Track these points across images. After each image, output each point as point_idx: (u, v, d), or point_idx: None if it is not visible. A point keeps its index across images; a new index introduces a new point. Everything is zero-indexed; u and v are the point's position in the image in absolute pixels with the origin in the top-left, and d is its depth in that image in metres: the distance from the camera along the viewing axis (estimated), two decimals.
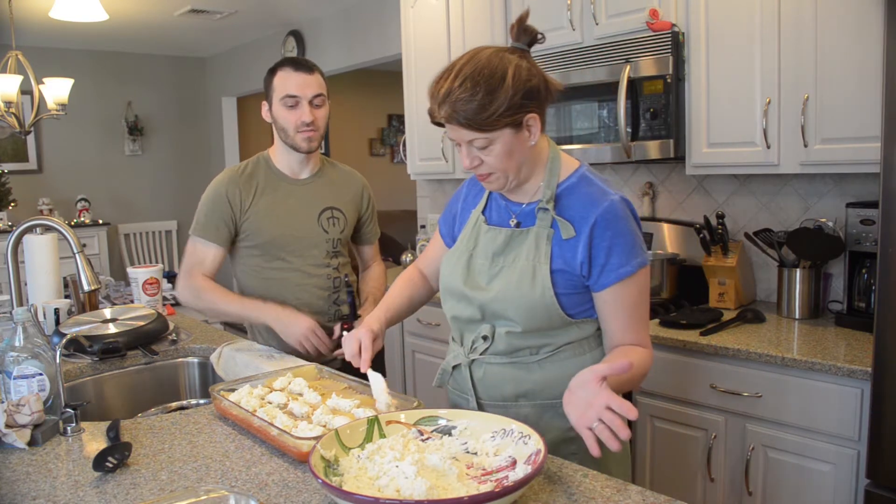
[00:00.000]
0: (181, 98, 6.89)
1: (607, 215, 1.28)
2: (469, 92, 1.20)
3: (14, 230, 1.93)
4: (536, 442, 1.06)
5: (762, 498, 1.99)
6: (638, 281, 1.30)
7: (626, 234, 1.28)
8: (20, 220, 4.27)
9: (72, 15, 3.88)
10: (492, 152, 1.26)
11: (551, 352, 1.35)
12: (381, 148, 8.12)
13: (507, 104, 1.21)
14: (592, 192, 1.32)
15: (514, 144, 1.26)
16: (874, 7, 1.90)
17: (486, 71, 1.21)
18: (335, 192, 2.05)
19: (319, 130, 1.94)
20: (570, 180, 1.34)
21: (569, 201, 1.32)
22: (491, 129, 1.23)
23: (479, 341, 1.38)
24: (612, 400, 1.06)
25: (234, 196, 1.93)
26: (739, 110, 2.24)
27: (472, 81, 1.20)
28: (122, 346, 1.91)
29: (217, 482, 1.13)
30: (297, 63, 1.92)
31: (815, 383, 1.86)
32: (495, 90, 1.21)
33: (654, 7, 2.38)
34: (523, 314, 1.31)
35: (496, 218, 1.42)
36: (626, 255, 1.28)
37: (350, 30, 4.91)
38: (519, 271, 1.32)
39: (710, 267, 2.48)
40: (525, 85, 1.23)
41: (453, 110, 1.22)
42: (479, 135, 1.24)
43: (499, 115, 1.21)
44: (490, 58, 1.24)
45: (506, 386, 1.37)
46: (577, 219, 1.30)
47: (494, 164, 1.28)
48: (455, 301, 1.41)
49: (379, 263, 2.24)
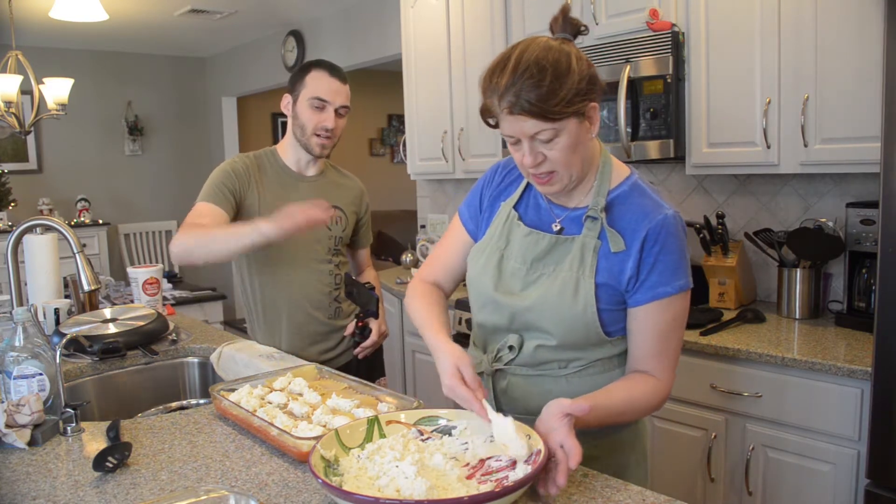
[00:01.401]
0: (181, 98, 6.89)
1: (660, 230, 1.19)
2: (536, 78, 1.11)
3: (14, 230, 1.93)
4: (536, 442, 1.06)
5: (762, 498, 1.99)
6: (675, 305, 1.21)
7: (673, 252, 1.20)
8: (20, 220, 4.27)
9: (72, 15, 3.88)
10: (557, 145, 1.16)
11: (581, 367, 1.27)
12: (381, 148, 8.12)
13: (576, 90, 1.13)
14: (646, 203, 1.23)
15: (579, 136, 1.17)
16: (874, 7, 1.90)
17: (551, 57, 1.13)
18: (338, 193, 2.06)
19: (334, 139, 1.97)
20: (622, 188, 1.25)
21: (620, 211, 1.23)
22: (559, 117, 1.13)
23: (505, 351, 1.30)
24: (567, 440, 1.03)
25: (242, 174, 1.92)
26: (739, 110, 2.24)
27: (538, 67, 1.11)
28: (122, 346, 1.91)
29: (217, 482, 1.13)
30: (333, 69, 1.95)
31: (815, 383, 1.86)
32: (563, 76, 1.12)
33: (654, 7, 2.39)
34: (561, 328, 1.23)
35: (533, 218, 1.31)
36: (669, 274, 1.19)
37: (350, 30, 4.91)
38: (561, 282, 1.22)
39: (710, 267, 2.48)
40: (588, 71, 1.16)
41: (520, 98, 1.11)
42: (545, 125, 1.13)
43: (567, 102, 1.12)
44: (546, 46, 1.15)
45: (530, 399, 1.28)
46: (628, 231, 1.21)
47: (559, 159, 1.17)
48: (482, 306, 1.32)
49: (371, 268, 2.28)
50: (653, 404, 1.23)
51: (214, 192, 1.88)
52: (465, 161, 3.30)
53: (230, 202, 1.89)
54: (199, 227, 1.78)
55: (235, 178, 1.91)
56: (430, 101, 3.45)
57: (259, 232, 1.67)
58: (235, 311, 6.18)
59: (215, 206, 1.86)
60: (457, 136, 3.31)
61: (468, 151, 3.28)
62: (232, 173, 1.91)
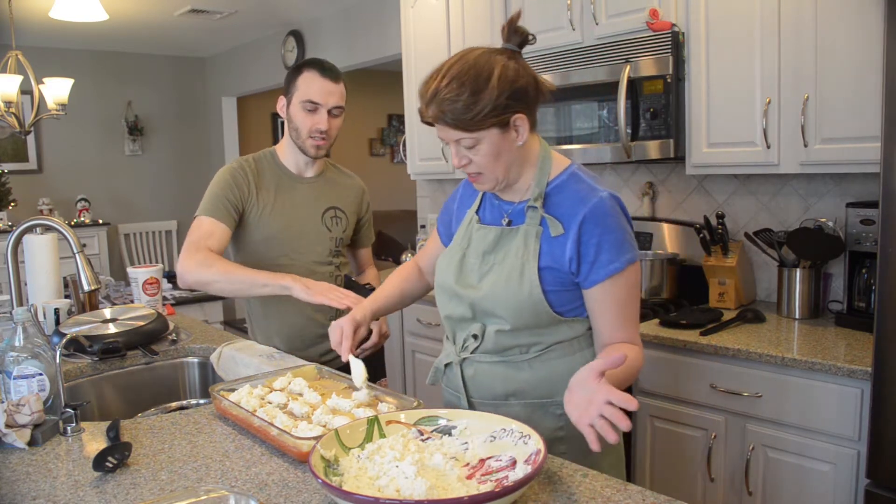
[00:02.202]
0: (181, 98, 6.89)
1: (596, 212, 1.28)
2: (455, 92, 1.22)
3: (14, 230, 1.93)
4: (536, 442, 1.06)
5: (762, 498, 1.99)
6: (627, 277, 1.30)
7: (614, 230, 1.28)
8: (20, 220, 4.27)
9: (72, 15, 3.88)
10: (479, 152, 1.28)
11: (541, 351, 1.35)
12: (381, 148, 8.12)
13: (493, 104, 1.22)
14: (581, 189, 1.32)
15: (501, 144, 1.28)
16: (874, 7, 1.90)
17: (473, 71, 1.23)
18: (338, 193, 2.06)
19: (331, 139, 1.95)
20: (560, 178, 1.35)
21: (558, 199, 1.33)
22: (477, 128, 1.24)
23: (470, 340, 1.39)
24: (612, 394, 1.06)
25: (242, 183, 1.92)
26: (739, 110, 2.24)
27: (459, 82, 1.22)
28: (122, 346, 1.91)
29: (217, 482, 1.13)
30: (324, 68, 1.90)
31: (815, 383, 1.86)
32: (481, 91, 1.22)
33: (654, 7, 2.39)
34: (512, 312, 1.31)
35: (489, 217, 1.43)
36: (616, 251, 1.28)
37: (350, 30, 4.91)
38: (508, 269, 1.33)
39: (710, 267, 2.48)
40: (511, 86, 1.24)
41: (440, 110, 1.24)
42: (465, 134, 1.25)
43: (484, 116, 1.22)
44: (478, 58, 1.25)
45: (496, 385, 1.38)
46: (566, 216, 1.30)
47: (482, 163, 1.29)
48: (447, 299, 1.42)
49: (372, 267, 2.27)
50: (639, 366, 1.33)
51: (216, 206, 1.88)
52: None
53: (232, 216, 1.89)
54: (215, 261, 1.80)
55: (236, 189, 1.91)
56: None
57: (283, 288, 1.76)
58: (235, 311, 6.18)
59: (219, 222, 1.87)
60: None
61: None
62: (233, 183, 1.91)
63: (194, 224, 1.89)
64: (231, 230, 1.90)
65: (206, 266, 1.79)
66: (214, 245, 1.85)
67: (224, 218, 1.88)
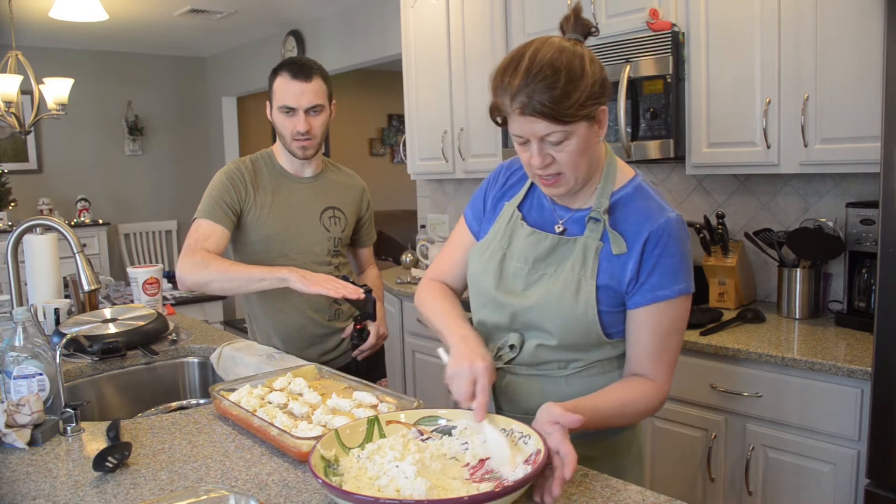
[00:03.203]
0: (181, 98, 6.89)
1: (662, 233, 1.19)
2: (550, 80, 1.10)
3: (14, 230, 1.93)
4: (536, 442, 1.06)
5: (762, 498, 1.99)
6: (674, 308, 1.20)
7: (675, 255, 1.19)
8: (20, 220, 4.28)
9: (72, 15, 3.88)
10: (566, 147, 1.16)
11: (581, 368, 1.27)
12: (381, 148, 8.12)
13: (588, 93, 1.12)
14: (649, 206, 1.23)
15: (588, 139, 1.17)
16: (874, 7, 1.90)
17: (565, 58, 1.12)
18: (337, 193, 2.05)
19: (316, 139, 1.93)
20: (625, 190, 1.25)
21: (623, 213, 1.23)
22: (570, 120, 1.12)
23: (506, 350, 1.30)
24: (561, 446, 1.02)
25: (239, 185, 1.92)
26: (739, 110, 2.24)
27: (552, 69, 1.10)
28: (122, 346, 1.91)
29: (217, 482, 1.13)
30: (295, 69, 1.88)
31: (815, 383, 1.86)
32: (577, 79, 1.11)
33: (654, 7, 2.39)
34: (562, 328, 1.23)
35: (537, 218, 1.31)
36: (670, 277, 1.19)
37: (350, 30, 4.91)
38: (562, 283, 1.22)
39: (710, 267, 2.48)
40: (601, 74, 1.16)
41: (531, 100, 1.10)
42: (557, 127, 1.13)
43: (580, 105, 1.12)
44: (563, 46, 1.14)
45: (530, 398, 1.28)
46: (630, 233, 1.21)
47: (567, 161, 1.17)
48: (482, 304, 1.32)
49: (374, 266, 2.26)
50: (650, 407, 1.23)
51: (213, 209, 1.89)
52: (465, 161, 3.30)
53: (230, 218, 1.90)
54: (212, 260, 1.81)
55: (233, 190, 1.91)
56: (430, 101, 3.45)
57: (281, 279, 1.76)
58: (235, 311, 6.18)
59: (216, 224, 1.88)
60: (457, 136, 3.31)
61: (468, 151, 3.28)
62: (229, 185, 1.91)
63: (192, 227, 1.90)
64: (229, 231, 1.91)
65: (203, 266, 1.80)
66: (212, 247, 1.85)
67: (221, 220, 1.88)
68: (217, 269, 1.80)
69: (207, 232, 1.87)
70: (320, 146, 1.98)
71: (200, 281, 1.82)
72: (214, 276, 1.80)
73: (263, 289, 1.82)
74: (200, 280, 1.81)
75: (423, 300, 1.42)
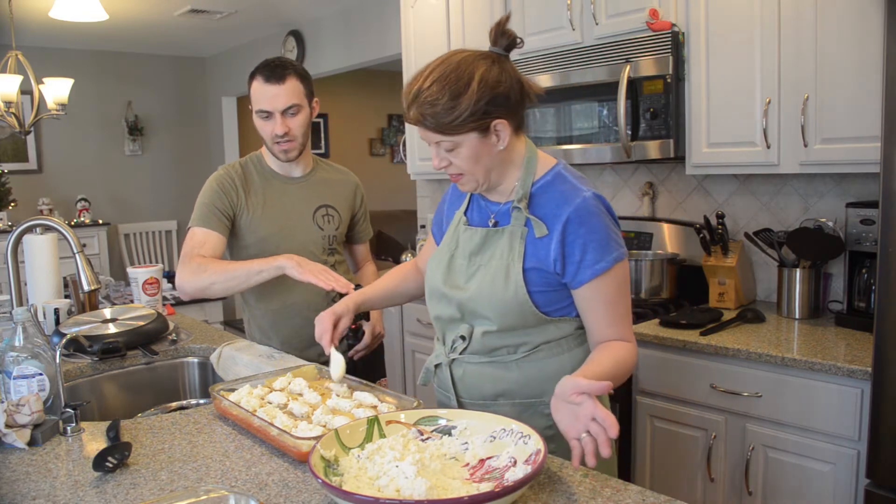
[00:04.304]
0: (181, 98, 6.89)
1: (580, 212, 1.28)
2: (435, 95, 1.22)
3: (14, 230, 1.93)
4: (536, 442, 1.06)
5: (762, 498, 1.99)
6: (615, 276, 1.30)
7: (599, 230, 1.29)
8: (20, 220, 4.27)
9: (72, 15, 3.88)
10: (458, 155, 1.28)
11: (529, 351, 1.35)
12: (381, 148, 8.12)
13: (471, 110, 1.22)
14: (565, 189, 1.32)
15: (480, 149, 1.28)
16: (874, 7, 1.90)
17: (453, 76, 1.23)
18: (329, 191, 2.05)
19: (296, 140, 1.92)
20: (545, 178, 1.35)
21: (543, 199, 1.33)
22: (455, 132, 1.25)
23: (458, 341, 1.40)
24: (597, 412, 1.07)
25: (230, 189, 1.93)
26: (739, 110, 2.24)
27: (439, 85, 1.23)
28: (122, 346, 1.91)
29: (217, 482, 1.13)
30: (268, 73, 1.86)
31: (815, 383, 1.86)
32: (459, 95, 1.22)
33: (654, 7, 2.38)
34: (498, 312, 1.32)
35: (477, 218, 1.43)
36: (601, 250, 1.28)
37: (350, 30, 4.91)
38: (493, 270, 1.33)
39: (710, 267, 2.48)
40: (492, 91, 1.24)
41: (420, 113, 1.24)
42: (444, 137, 1.26)
43: (463, 120, 1.23)
44: (460, 62, 1.25)
45: (484, 385, 1.38)
46: (550, 217, 1.31)
47: (462, 166, 1.30)
48: (436, 300, 1.43)
49: (371, 263, 2.25)
50: (632, 363, 1.33)
51: (206, 216, 1.90)
52: None
53: (224, 223, 1.90)
54: (209, 263, 1.82)
55: (224, 196, 1.91)
56: None
57: (278, 269, 1.78)
58: (235, 312, 6.18)
59: (211, 230, 1.89)
60: None
61: None
62: (220, 190, 1.92)
63: (187, 236, 1.91)
64: (225, 237, 1.91)
65: (201, 272, 1.82)
66: (208, 253, 1.87)
67: (215, 226, 1.89)
68: (215, 271, 1.82)
69: (202, 239, 1.88)
70: (303, 146, 1.97)
71: (200, 286, 1.84)
72: (213, 278, 1.82)
73: (264, 280, 1.82)
74: (200, 285, 1.83)
75: None
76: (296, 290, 1.96)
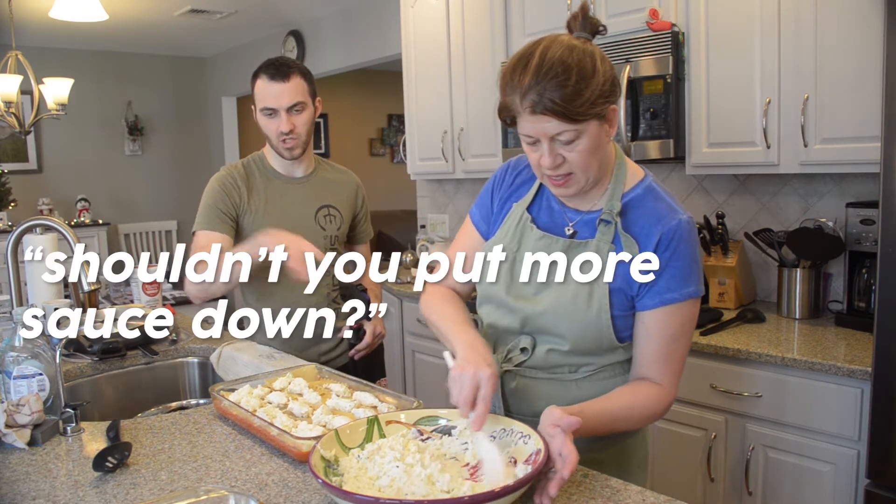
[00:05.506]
0: (181, 98, 6.89)
1: (673, 235, 1.18)
2: (561, 77, 1.08)
3: (14, 230, 1.92)
4: (536, 442, 1.06)
5: (762, 498, 1.99)
6: (683, 312, 1.19)
7: (685, 258, 1.18)
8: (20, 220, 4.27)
9: (72, 15, 3.88)
10: (577, 147, 1.13)
11: (591, 372, 1.25)
12: (381, 148, 8.12)
13: (599, 91, 1.10)
14: (660, 207, 1.21)
15: (599, 138, 1.15)
16: (874, 7, 1.90)
17: (576, 56, 1.10)
18: (331, 191, 2.05)
19: (301, 137, 1.92)
20: (636, 191, 1.24)
21: (634, 215, 1.21)
22: (582, 119, 1.10)
23: (517, 353, 1.27)
24: (564, 448, 1.01)
25: (233, 190, 1.92)
26: (739, 110, 2.24)
27: (563, 67, 1.08)
28: (122, 346, 1.91)
29: (217, 482, 1.13)
30: (272, 71, 1.86)
31: (815, 383, 1.86)
32: (588, 77, 1.09)
33: (654, 7, 2.38)
34: (575, 334, 1.21)
35: (546, 221, 1.28)
36: (679, 280, 1.17)
37: (350, 30, 4.91)
38: (574, 288, 1.20)
39: (710, 267, 2.48)
40: (612, 73, 1.13)
41: (542, 98, 1.08)
42: (568, 126, 1.10)
43: (591, 103, 1.10)
44: (573, 45, 1.12)
45: (539, 402, 1.25)
46: (642, 235, 1.19)
47: (578, 161, 1.15)
48: (494, 308, 1.30)
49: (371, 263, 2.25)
50: (656, 412, 1.21)
51: (209, 218, 1.88)
52: (465, 161, 3.30)
53: (228, 224, 1.89)
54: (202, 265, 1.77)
55: (227, 197, 1.91)
56: (430, 101, 3.45)
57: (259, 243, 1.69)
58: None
59: (215, 232, 1.87)
60: (457, 136, 3.31)
61: (468, 151, 3.28)
62: (222, 192, 1.91)
63: (193, 241, 1.90)
64: (230, 237, 1.89)
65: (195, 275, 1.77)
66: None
67: (220, 227, 1.88)
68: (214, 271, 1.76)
69: (204, 242, 1.87)
70: (307, 144, 1.97)
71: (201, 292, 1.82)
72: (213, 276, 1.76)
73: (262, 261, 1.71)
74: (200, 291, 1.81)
75: (430, 305, 1.38)
76: (296, 289, 1.96)
